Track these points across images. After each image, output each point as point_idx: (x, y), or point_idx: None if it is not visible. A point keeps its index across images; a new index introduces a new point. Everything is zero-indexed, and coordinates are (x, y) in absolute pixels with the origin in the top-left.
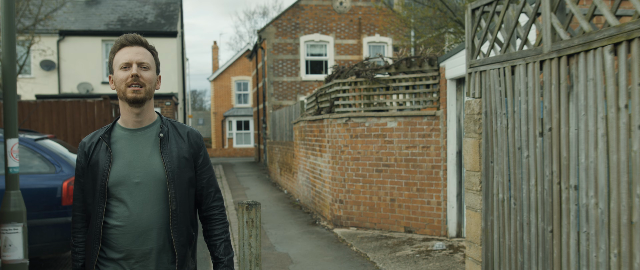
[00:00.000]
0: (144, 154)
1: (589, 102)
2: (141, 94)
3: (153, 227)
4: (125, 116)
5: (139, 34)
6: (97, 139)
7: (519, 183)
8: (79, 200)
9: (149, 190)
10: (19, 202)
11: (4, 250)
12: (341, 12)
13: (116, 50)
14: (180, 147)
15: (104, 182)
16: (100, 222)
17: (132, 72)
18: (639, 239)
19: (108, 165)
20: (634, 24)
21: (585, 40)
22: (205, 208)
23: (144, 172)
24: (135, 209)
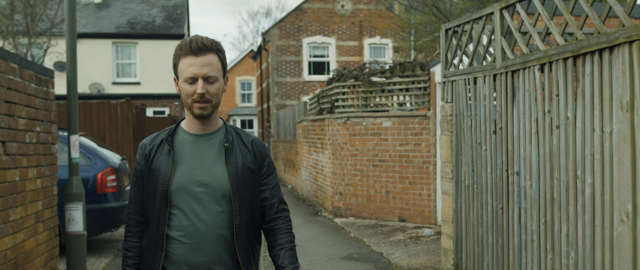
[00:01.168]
0: (206, 161)
1: (526, 107)
2: (207, 111)
3: (212, 239)
4: (189, 122)
5: (205, 38)
6: (159, 141)
7: (479, 171)
8: (136, 203)
9: (212, 201)
10: (79, 185)
11: (68, 223)
12: (343, 14)
13: (181, 56)
14: (245, 157)
15: (166, 187)
16: (163, 229)
17: (198, 90)
18: (558, 211)
19: (171, 169)
20: (554, 49)
21: (523, 60)
22: (269, 220)
23: (207, 181)
24: (194, 219)
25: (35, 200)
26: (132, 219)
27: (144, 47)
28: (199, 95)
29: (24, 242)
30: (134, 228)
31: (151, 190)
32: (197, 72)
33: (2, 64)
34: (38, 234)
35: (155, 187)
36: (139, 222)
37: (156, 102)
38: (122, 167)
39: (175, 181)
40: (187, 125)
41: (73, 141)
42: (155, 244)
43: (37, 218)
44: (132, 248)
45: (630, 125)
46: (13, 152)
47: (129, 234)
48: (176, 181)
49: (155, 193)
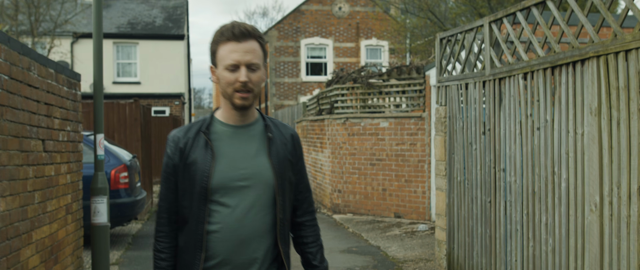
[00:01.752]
0: (248, 154)
1: (511, 111)
2: (249, 101)
3: (255, 236)
4: (226, 113)
5: (247, 24)
6: (194, 134)
7: (470, 169)
8: (168, 201)
9: (255, 195)
10: (104, 180)
11: (93, 215)
12: (340, 16)
13: (221, 42)
14: (285, 148)
15: (205, 183)
16: (203, 228)
17: (241, 78)
18: (538, 203)
19: (210, 164)
20: (536, 60)
21: (509, 69)
22: (301, 214)
23: (250, 174)
24: (238, 215)
25: (66, 193)
26: (163, 217)
27: (144, 47)
28: (242, 84)
29: (57, 231)
30: (166, 227)
31: (188, 187)
32: (240, 58)
33: (43, 69)
34: (68, 225)
35: (193, 183)
36: (172, 220)
37: (156, 101)
38: (133, 165)
39: (216, 176)
40: (224, 116)
41: (99, 140)
42: (194, 244)
43: (67, 210)
44: (165, 249)
45: (598, 128)
46: (50, 150)
47: (161, 234)
48: (217, 176)
49: (193, 189)
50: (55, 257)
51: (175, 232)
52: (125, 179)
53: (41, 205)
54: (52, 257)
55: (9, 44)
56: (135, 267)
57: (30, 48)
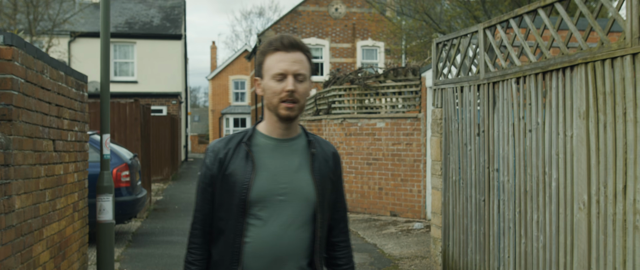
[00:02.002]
0: (290, 169)
1: (504, 113)
2: (294, 112)
3: (291, 253)
4: (270, 126)
5: (295, 36)
6: (235, 145)
7: (465, 168)
8: (203, 212)
9: (294, 211)
10: (109, 179)
11: (99, 213)
12: (336, 17)
13: (268, 53)
14: (327, 165)
15: (244, 195)
16: (240, 241)
17: (288, 87)
18: (530, 201)
19: (250, 176)
20: (528, 65)
21: (502, 73)
22: (336, 233)
23: (290, 189)
24: (276, 230)
25: (73, 192)
26: (197, 229)
27: (141, 46)
28: (288, 93)
29: (65, 228)
30: (199, 239)
31: (226, 198)
32: (287, 67)
33: (54, 72)
34: (74, 222)
35: (232, 195)
36: (205, 232)
37: (154, 100)
38: (134, 163)
39: (256, 189)
40: (267, 129)
41: (105, 139)
42: (230, 257)
43: (74, 208)
44: (197, 261)
45: (586, 131)
46: (60, 149)
47: (193, 246)
48: (257, 189)
49: (231, 201)
50: (63, 254)
51: (208, 244)
52: (126, 178)
53: (51, 203)
54: (60, 253)
55: (25, 49)
56: (136, 264)
57: (44, 51)
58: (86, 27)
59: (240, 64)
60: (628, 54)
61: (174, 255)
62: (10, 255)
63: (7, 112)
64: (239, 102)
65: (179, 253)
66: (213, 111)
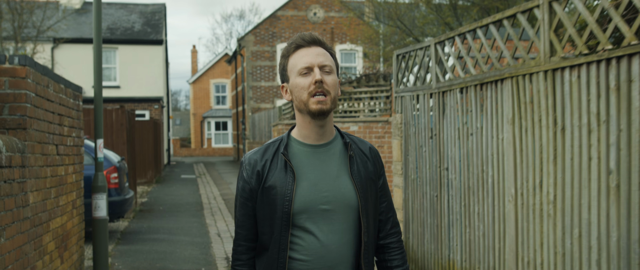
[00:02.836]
0: (330, 175)
1: (452, 119)
2: (327, 105)
3: (342, 261)
4: (304, 130)
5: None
6: (272, 155)
7: (421, 168)
8: (246, 228)
9: (339, 219)
10: (103, 180)
11: (94, 210)
12: (315, 22)
13: (290, 53)
14: (366, 167)
15: (287, 208)
16: (285, 255)
17: (315, 77)
18: (472, 196)
19: (291, 187)
20: (469, 78)
21: (449, 83)
22: (384, 235)
23: (333, 197)
24: (324, 240)
25: (72, 191)
26: (241, 245)
27: (123, 51)
28: (317, 84)
29: (66, 223)
30: (244, 256)
31: (268, 212)
32: (312, 60)
33: (56, 85)
34: (73, 218)
35: (274, 209)
36: (250, 248)
37: (136, 105)
38: (122, 166)
39: (298, 199)
40: (302, 134)
41: (99, 144)
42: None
43: (73, 205)
44: None
45: (513, 134)
46: (61, 153)
47: (239, 262)
48: (299, 199)
49: (274, 215)
50: (65, 245)
51: (253, 261)
52: (115, 180)
53: (56, 199)
54: (62, 244)
55: (35, 67)
56: (126, 258)
57: (49, 69)
58: (69, 33)
59: (221, 68)
60: (541, 71)
61: (160, 251)
62: (26, 242)
63: (22, 121)
64: (220, 105)
65: (164, 249)
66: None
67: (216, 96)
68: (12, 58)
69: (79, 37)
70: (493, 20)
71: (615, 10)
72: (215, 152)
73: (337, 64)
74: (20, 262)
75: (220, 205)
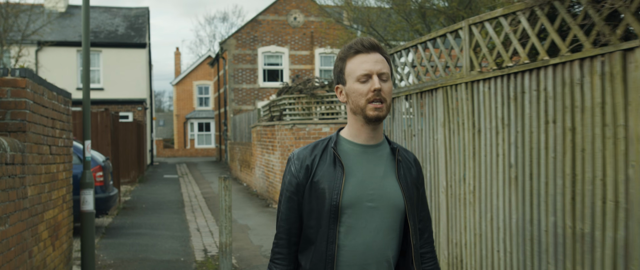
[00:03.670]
0: (376, 175)
1: (399, 122)
2: (383, 112)
3: (383, 259)
4: (355, 131)
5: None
6: (321, 151)
7: None
8: (289, 222)
9: (383, 217)
10: (90, 177)
11: (82, 204)
12: (295, 26)
13: (349, 56)
14: (411, 173)
15: (336, 201)
16: (333, 249)
17: (374, 86)
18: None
19: (340, 181)
20: (412, 86)
21: (397, 91)
22: (422, 244)
23: (379, 195)
24: (366, 237)
25: (62, 186)
26: (282, 239)
27: (107, 55)
28: (375, 92)
29: (58, 215)
30: (285, 249)
31: (316, 206)
32: (371, 67)
33: (50, 93)
34: (63, 211)
35: (322, 202)
36: (291, 242)
37: (120, 107)
38: (106, 166)
39: (347, 194)
40: (352, 134)
41: (87, 145)
42: (323, 266)
43: (63, 199)
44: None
45: (444, 135)
46: (53, 153)
47: (279, 256)
48: (347, 194)
49: (322, 208)
50: (56, 234)
51: (294, 255)
52: (100, 178)
53: (49, 194)
54: (54, 234)
55: (33, 78)
56: (110, 251)
57: (44, 79)
58: (53, 36)
59: (204, 70)
60: (463, 82)
61: (142, 244)
62: (25, 229)
63: (22, 125)
64: (203, 106)
65: (146, 242)
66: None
67: (199, 98)
68: (13, 71)
69: (63, 41)
70: (429, 38)
71: (514, 35)
72: (198, 153)
73: (392, 68)
74: (20, 246)
75: (201, 203)
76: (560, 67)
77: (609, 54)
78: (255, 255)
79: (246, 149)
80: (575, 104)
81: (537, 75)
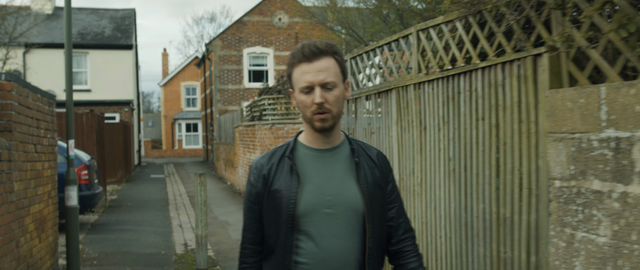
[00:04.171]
0: (335, 179)
1: (361, 120)
2: (329, 122)
3: (344, 265)
4: (311, 137)
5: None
6: (278, 159)
7: None
8: (252, 231)
9: (342, 223)
10: (74, 174)
11: (67, 200)
12: (280, 27)
13: (294, 65)
14: (373, 172)
15: (292, 211)
16: (290, 257)
17: (316, 99)
18: None
19: (296, 190)
20: (372, 87)
21: (359, 92)
22: (396, 241)
23: (337, 201)
24: (325, 244)
25: (47, 183)
26: (247, 248)
27: (94, 56)
28: (317, 106)
29: (43, 209)
30: (250, 259)
31: (274, 215)
32: (312, 79)
33: (34, 95)
34: (49, 206)
35: (279, 212)
36: (256, 251)
37: (107, 108)
38: (91, 164)
39: (303, 203)
40: (308, 139)
41: (71, 144)
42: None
43: (48, 195)
44: None
45: (397, 132)
46: (39, 151)
47: (245, 265)
48: (304, 203)
49: (279, 218)
50: (42, 227)
51: (260, 264)
52: (85, 176)
53: (34, 189)
54: (40, 227)
55: (18, 82)
56: (95, 245)
57: (28, 82)
58: (40, 38)
59: (191, 71)
60: (412, 83)
61: (126, 239)
62: (12, 220)
63: (8, 125)
64: (191, 107)
65: (130, 237)
66: (165, 117)
67: (187, 98)
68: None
69: (50, 42)
70: (385, 42)
71: (452, 41)
72: (186, 153)
73: (344, 68)
74: (8, 236)
75: (185, 201)
76: (488, 70)
77: (523, 58)
78: (232, 248)
79: (230, 149)
80: (498, 103)
81: (470, 77)
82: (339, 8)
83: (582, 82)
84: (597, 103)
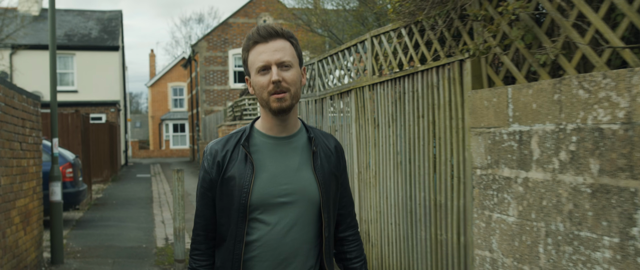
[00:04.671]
0: (291, 168)
1: (326, 119)
2: (286, 102)
3: (297, 254)
4: (267, 123)
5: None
6: (233, 146)
7: None
8: (204, 218)
9: (297, 212)
10: (58, 171)
11: (51, 195)
12: None
13: (249, 48)
14: (330, 161)
15: (244, 200)
16: (240, 247)
17: (272, 77)
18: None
19: (250, 179)
20: (335, 88)
21: (324, 93)
22: (343, 228)
23: (292, 189)
24: (278, 233)
25: (33, 179)
26: (199, 235)
27: (81, 57)
28: (275, 84)
29: (29, 204)
30: (202, 245)
31: (226, 204)
32: (269, 58)
33: (20, 97)
34: (34, 201)
35: (232, 200)
36: (208, 238)
37: (93, 109)
38: (76, 163)
39: (256, 192)
40: (265, 127)
41: (55, 142)
42: (231, 264)
43: (33, 191)
44: (202, 267)
45: (356, 129)
46: (24, 149)
47: (197, 252)
48: (257, 192)
49: (231, 206)
50: (27, 221)
51: (212, 250)
52: (70, 174)
53: (20, 184)
54: (26, 220)
55: (5, 83)
56: (79, 240)
57: (14, 84)
58: (27, 39)
59: (178, 71)
60: (367, 85)
61: (109, 234)
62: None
63: None
64: (178, 108)
65: (113, 232)
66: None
67: (174, 99)
68: None
69: (37, 44)
70: (346, 47)
71: (399, 46)
72: (173, 154)
73: (300, 52)
74: None
75: (169, 199)
76: (427, 73)
77: (452, 63)
78: None
79: None
80: (435, 102)
81: (413, 79)
82: (319, 11)
83: (497, 84)
84: (506, 102)
